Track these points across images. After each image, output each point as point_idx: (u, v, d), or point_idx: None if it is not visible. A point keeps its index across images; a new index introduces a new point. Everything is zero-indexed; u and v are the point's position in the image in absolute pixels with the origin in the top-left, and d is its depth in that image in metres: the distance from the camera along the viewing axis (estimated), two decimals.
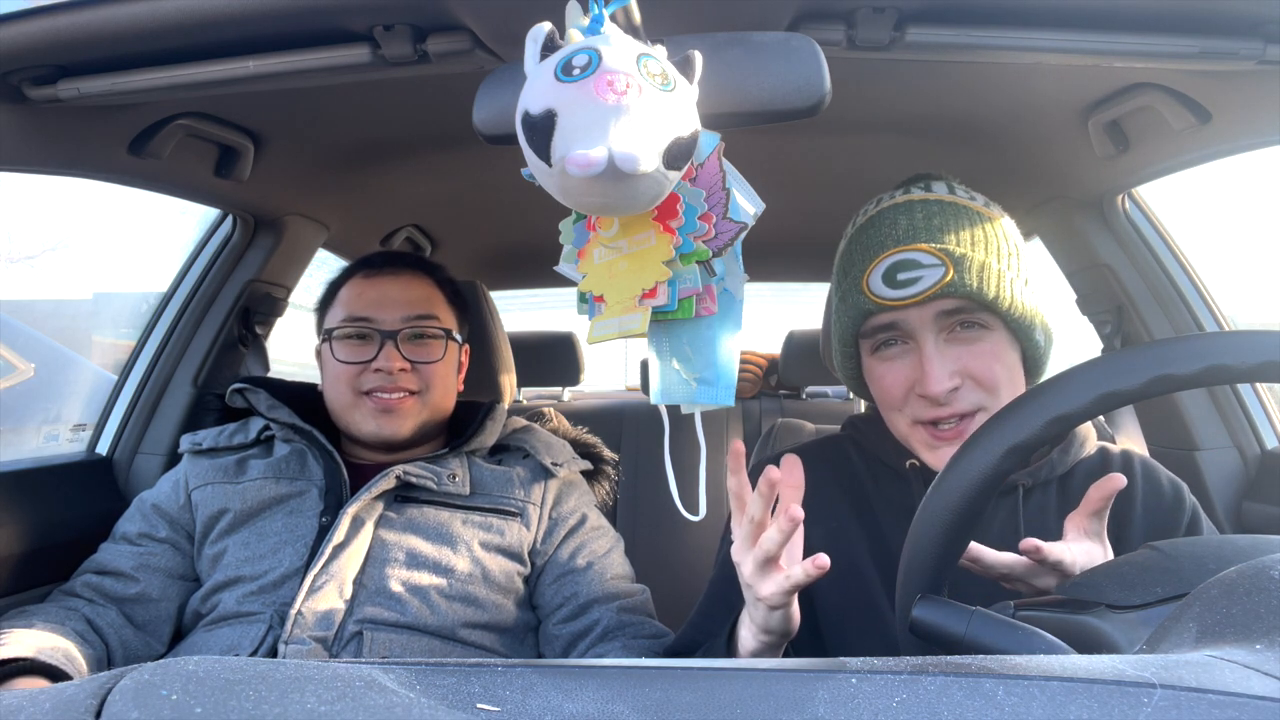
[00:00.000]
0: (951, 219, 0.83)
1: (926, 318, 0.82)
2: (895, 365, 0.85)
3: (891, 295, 0.82)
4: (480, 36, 0.79)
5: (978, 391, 0.82)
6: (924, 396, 0.82)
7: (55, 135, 0.99)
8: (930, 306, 0.82)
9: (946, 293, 0.80)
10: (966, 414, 0.83)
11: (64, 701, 0.31)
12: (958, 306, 0.82)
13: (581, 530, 1.15)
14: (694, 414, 0.68)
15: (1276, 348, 0.54)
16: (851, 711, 0.30)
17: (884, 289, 0.82)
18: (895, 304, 0.82)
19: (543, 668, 0.35)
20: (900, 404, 0.86)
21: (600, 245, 0.67)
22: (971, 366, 0.82)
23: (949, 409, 0.82)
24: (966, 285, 0.80)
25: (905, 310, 0.82)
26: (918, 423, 0.85)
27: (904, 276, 0.81)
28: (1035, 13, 0.78)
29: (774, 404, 2.35)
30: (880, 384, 0.88)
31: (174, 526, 1.13)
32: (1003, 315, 0.82)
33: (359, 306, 1.15)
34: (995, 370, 0.82)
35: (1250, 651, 0.34)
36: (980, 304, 0.81)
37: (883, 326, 0.85)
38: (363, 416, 1.13)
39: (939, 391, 0.81)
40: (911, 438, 0.87)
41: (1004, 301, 0.81)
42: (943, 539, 0.60)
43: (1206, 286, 1.36)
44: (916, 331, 0.83)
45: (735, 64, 0.66)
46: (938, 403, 0.82)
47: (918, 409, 0.84)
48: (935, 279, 0.80)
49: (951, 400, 0.82)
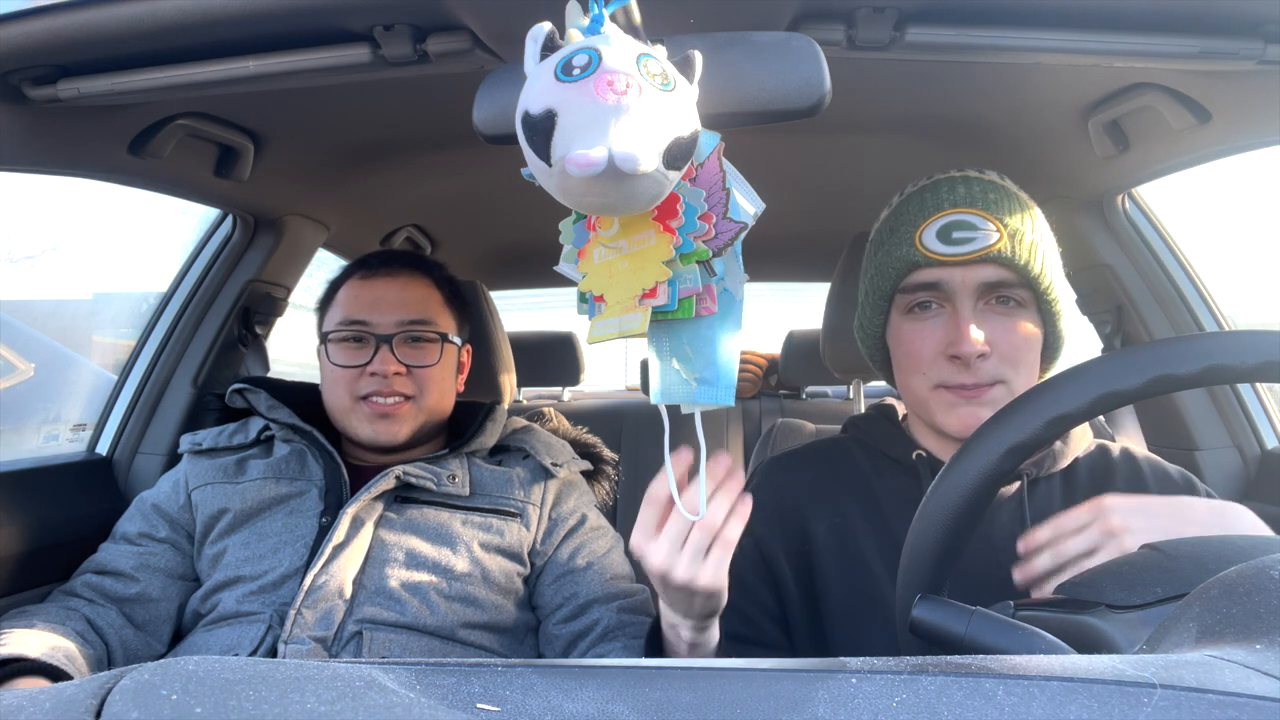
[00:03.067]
0: (1005, 198, 0.86)
1: (970, 283, 0.84)
2: (927, 326, 0.87)
3: (945, 251, 0.84)
4: (480, 36, 0.79)
5: (1002, 365, 0.84)
6: (955, 358, 0.84)
7: (55, 135, 0.99)
8: (976, 272, 0.84)
9: (997, 257, 0.83)
10: (987, 385, 0.84)
11: (64, 701, 0.31)
12: (1001, 279, 0.84)
13: (581, 530, 1.15)
14: (694, 414, 0.68)
15: (1276, 348, 0.54)
16: (851, 711, 0.30)
17: (937, 244, 0.84)
18: (946, 259, 0.83)
19: (543, 668, 0.35)
20: (925, 367, 0.87)
21: (600, 245, 0.67)
22: (1000, 339, 0.84)
23: (973, 377, 0.84)
24: (1017, 256, 0.82)
25: (952, 269, 0.84)
26: (939, 386, 0.86)
27: (959, 235, 0.84)
28: (1035, 13, 0.78)
29: (774, 404, 2.35)
30: (908, 345, 0.89)
31: (174, 526, 1.13)
32: (1040, 294, 0.85)
33: (355, 309, 1.15)
34: (1021, 347, 0.85)
35: (1250, 651, 0.34)
36: (1024, 278, 0.84)
37: (925, 285, 0.86)
38: (359, 421, 1.13)
39: (970, 352, 0.82)
40: (930, 400, 0.88)
41: (1045, 280, 0.84)
42: (943, 539, 0.60)
43: (1206, 286, 1.36)
44: (957, 294, 0.84)
45: (735, 64, 0.66)
46: (965, 366, 0.84)
47: (943, 372, 0.85)
48: (989, 242, 0.82)
49: (978, 367, 0.83)
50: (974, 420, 0.84)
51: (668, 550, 0.69)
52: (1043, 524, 0.72)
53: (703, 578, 0.68)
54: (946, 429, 0.87)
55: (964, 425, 0.85)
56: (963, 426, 0.85)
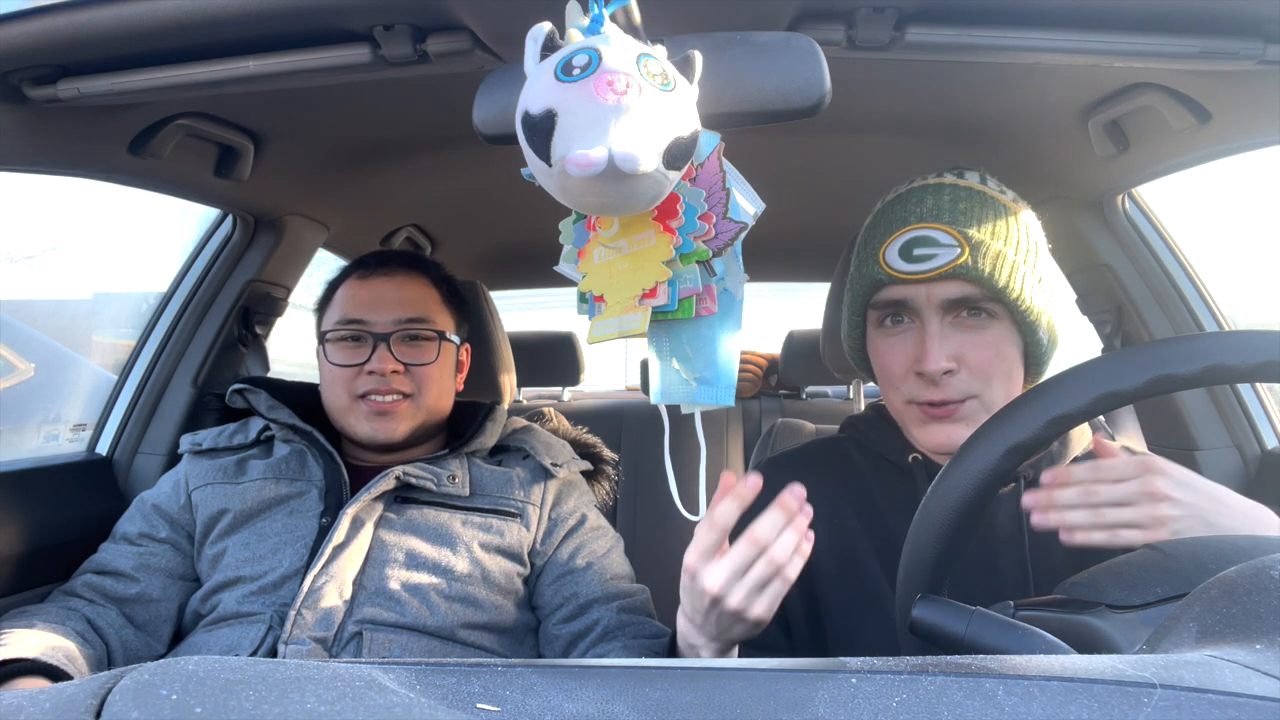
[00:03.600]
0: (977, 206, 0.85)
1: (934, 300, 0.83)
2: (897, 341, 0.87)
3: (905, 269, 0.83)
4: (480, 36, 0.79)
5: (971, 380, 0.83)
6: (920, 375, 0.83)
7: (55, 135, 0.98)
8: (939, 289, 0.83)
9: (958, 273, 0.81)
10: (957, 401, 0.84)
11: (64, 701, 0.31)
12: (965, 295, 0.82)
13: (581, 530, 1.15)
14: (694, 414, 0.68)
15: (1276, 348, 0.54)
16: (851, 711, 0.30)
17: (899, 262, 0.83)
18: (907, 278, 0.83)
19: (543, 668, 0.35)
20: (898, 381, 0.87)
21: (600, 245, 0.67)
22: (969, 354, 0.83)
23: (941, 393, 0.83)
24: (979, 270, 0.81)
25: (915, 287, 0.83)
26: (910, 402, 0.86)
27: (920, 252, 0.82)
28: (1035, 13, 0.78)
29: (774, 404, 2.35)
30: (881, 359, 0.89)
31: (174, 527, 1.13)
32: (1010, 306, 0.83)
33: (352, 309, 1.15)
34: (992, 360, 0.83)
35: (1250, 651, 0.34)
36: (989, 291, 0.82)
37: (891, 302, 0.86)
38: (357, 419, 1.13)
39: (934, 370, 0.81)
40: (905, 415, 0.88)
41: (1012, 292, 0.82)
42: (943, 539, 0.60)
43: (1206, 286, 1.36)
44: (922, 310, 0.84)
45: (735, 64, 0.66)
46: (933, 383, 0.83)
47: (914, 388, 0.85)
48: (949, 258, 0.81)
49: (945, 384, 0.83)
50: (945, 439, 0.84)
51: (728, 576, 0.68)
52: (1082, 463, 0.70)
53: (757, 609, 0.68)
54: (921, 445, 0.87)
55: (935, 443, 0.85)
56: (934, 445, 0.85)
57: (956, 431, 0.83)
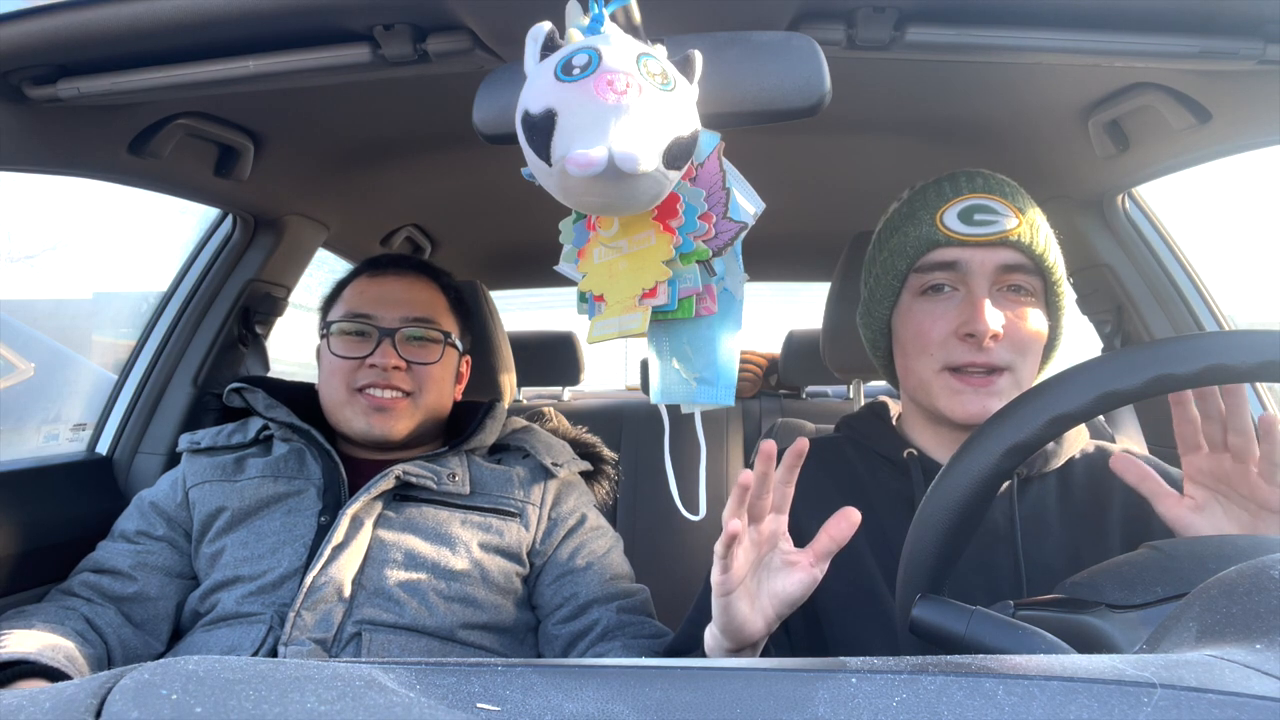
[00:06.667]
0: (1020, 194, 0.90)
1: (989, 264, 0.86)
2: (940, 307, 0.88)
3: (966, 231, 0.86)
4: (480, 36, 0.79)
5: (1012, 351, 0.85)
6: (970, 336, 0.84)
7: (55, 135, 0.99)
8: (995, 254, 0.85)
9: (1016, 242, 0.85)
10: (996, 368, 0.85)
11: (64, 701, 0.31)
12: (1018, 263, 0.86)
13: (581, 530, 1.15)
14: (694, 414, 0.68)
15: (1276, 348, 0.54)
16: (851, 711, 0.30)
17: (959, 224, 0.86)
18: (967, 239, 0.85)
19: (543, 668, 0.35)
20: (933, 348, 0.87)
21: (600, 245, 0.67)
22: (1012, 326, 0.86)
23: (984, 357, 0.84)
24: (1033, 243, 0.85)
25: (971, 250, 0.86)
26: (946, 369, 0.87)
27: (980, 217, 0.86)
28: (1035, 13, 0.78)
29: (774, 404, 2.35)
30: (918, 325, 0.89)
31: (172, 525, 1.13)
32: (1050, 285, 0.88)
33: (361, 304, 1.16)
34: (1031, 336, 0.86)
35: (1250, 651, 0.34)
36: (1039, 265, 0.86)
37: (942, 264, 0.87)
38: (354, 413, 1.13)
39: (985, 331, 0.83)
40: (935, 384, 0.88)
41: (1057, 271, 0.87)
42: (943, 538, 0.60)
43: (1206, 286, 1.35)
44: (974, 274, 0.86)
45: (735, 64, 0.66)
46: (979, 346, 0.84)
47: (953, 353, 0.86)
48: (1010, 225, 0.85)
49: (990, 349, 0.84)
50: (979, 409, 0.84)
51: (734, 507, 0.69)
52: None
53: (790, 585, 0.72)
54: (951, 415, 0.87)
55: (968, 414, 0.85)
56: (967, 415, 0.85)
57: (991, 404, 0.84)
